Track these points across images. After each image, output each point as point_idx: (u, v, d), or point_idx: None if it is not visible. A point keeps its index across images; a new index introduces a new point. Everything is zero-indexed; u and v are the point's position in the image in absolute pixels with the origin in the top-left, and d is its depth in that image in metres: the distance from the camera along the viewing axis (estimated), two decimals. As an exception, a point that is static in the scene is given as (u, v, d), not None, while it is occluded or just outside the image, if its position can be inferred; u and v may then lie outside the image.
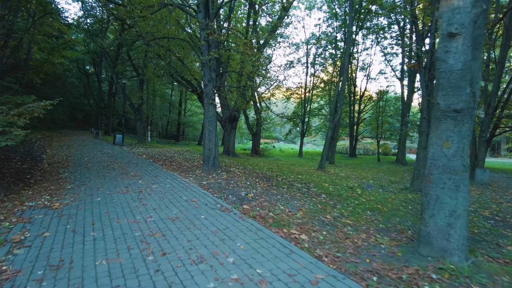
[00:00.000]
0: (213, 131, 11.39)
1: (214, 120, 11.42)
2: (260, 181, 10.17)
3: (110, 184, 8.02)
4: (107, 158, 13.39)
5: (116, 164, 11.63)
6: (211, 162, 11.33)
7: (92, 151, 16.03)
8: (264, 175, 11.95)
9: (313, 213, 6.52)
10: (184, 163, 12.97)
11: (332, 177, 14.22)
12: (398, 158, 25.03)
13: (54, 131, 34.90)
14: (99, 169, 10.47)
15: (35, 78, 29.53)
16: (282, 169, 15.51)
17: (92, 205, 6.14)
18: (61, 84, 38.27)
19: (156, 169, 10.58)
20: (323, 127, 39.01)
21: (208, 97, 11.24)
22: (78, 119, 46.20)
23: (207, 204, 6.22)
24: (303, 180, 11.50)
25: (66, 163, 12.12)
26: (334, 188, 10.26)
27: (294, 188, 9.48)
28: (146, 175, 9.35)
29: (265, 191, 8.44)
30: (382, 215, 7.27)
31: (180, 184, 8.11)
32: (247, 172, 12.13)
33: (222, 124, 20.37)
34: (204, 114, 11.39)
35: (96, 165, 11.36)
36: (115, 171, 10.07)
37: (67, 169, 10.52)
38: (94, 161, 12.57)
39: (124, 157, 14.05)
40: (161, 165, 11.64)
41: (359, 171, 18.44)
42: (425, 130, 10.97)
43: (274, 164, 18.35)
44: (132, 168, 10.68)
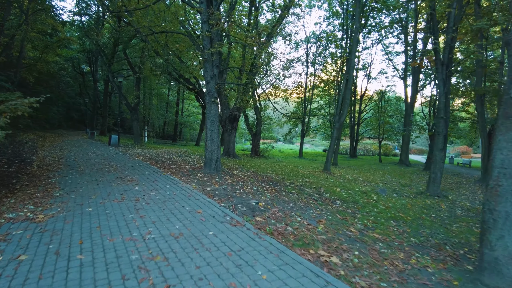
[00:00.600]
0: (215, 132, 10.54)
1: (216, 119, 10.57)
2: (267, 186, 9.34)
3: (104, 191, 7.14)
4: (102, 160, 12.49)
5: (111, 167, 10.74)
6: (213, 165, 10.47)
7: (86, 153, 15.11)
8: (270, 178, 11.11)
9: (335, 226, 5.70)
10: (184, 165, 12.11)
11: (339, 180, 13.42)
12: (401, 159, 24.30)
13: (49, 131, 33.82)
14: (92, 173, 9.58)
15: (28, 77, 28.46)
16: (286, 171, 14.70)
17: (82, 217, 5.27)
18: (55, 83, 37.13)
19: (154, 173, 9.71)
20: (322, 127, 38.28)
21: (210, 95, 10.39)
22: (73, 119, 45.11)
23: (215, 216, 5.37)
24: (312, 184, 10.68)
25: (57, 165, 11.21)
26: (347, 193, 9.45)
27: (304, 194, 8.66)
28: (143, 180, 8.47)
29: (275, 198, 7.60)
30: (408, 225, 6.47)
31: (181, 190, 7.25)
32: (251, 175, 11.30)
33: (222, 124, 19.51)
34: (206, 114, 10.54)
35: (90, 168, 10.47)
36: (110, 175, 9.19)
37: (58, 173, 9.63)
38: (87, 163, 11.67)
39: (120, 159, 13.15)
40: (159, 168, 10.76)
41: (364, 173, 17.67)
42: (443, 131, 10.19)
43: (276, 166, 17.52)
44: (128, 172, 9.79)
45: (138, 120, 22.71)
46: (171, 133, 47.42)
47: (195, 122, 46.63)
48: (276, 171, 14.26)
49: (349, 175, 15.92)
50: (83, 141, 22.69)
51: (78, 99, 42.95)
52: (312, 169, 17.22)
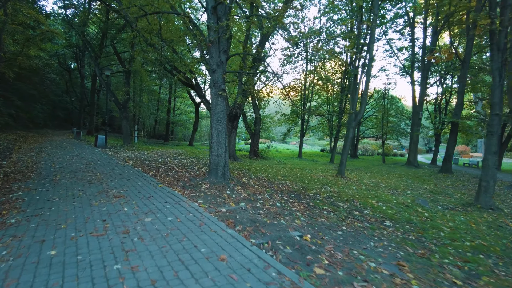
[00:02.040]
0: (222, 132, 8.51)
1: (224, 117, 8.54)
2: (291, 199, 7.37)
3: (80, 215, 5.04)
4: (84, 166, 10.32)
5: (94, 176, 8.60)
6: (220, 172, 8.44)
7: (67, 156, 12.88)
8: (288, 188, 9.14)
9: (425, 273, 3.75)
10: (183, 172, 10.03)
11: (361, 186, 11.54)
12: (410, 160, 22.60)
13: (32, 130, 31.21)
14: (70, 184, 7.44)
15: (7, 72, 25.84)
16: (298, 176, 12.77)
17: (36, 271, 3.21)
18: (39, 80, 34.43)
19: (148, 184, 7.62)
20: (320, 127, 36.51)
21: (216, 87, 8.35)
22: (59, 117, 42.38)
23: (250, 268, 3.33)
24: (340, 195, 8.72)
25: (29, 173, 9.03)
26: (388, 207, 7.53)
27: (342, 212, 6.70)
28: (134, 196, 6.38)
29: (311, 220, 5.63)
30: (508, 262, 4.58)
31: (187, 213, 5.20)
32: (264, 184, 9.31)
33: (221, 123, 17.44)
34: (211, 110, 8.49)
35: (67, 177, 8.32)
36: (91, 188, 7.07)
37: (26, 184, 7.47)
38: (66, 170, 9.49)
39: (106, 164, 10.99)
40: (153, 177, 8.66)
41: (380, 177, 15.86)
42: (497, 131, 8.36)
43: (282, 169, 15.57)
44: (115, 183, 7.67)
45: (128, 119, 20.45)
46: (162, 133, 45.02)
47: (188, 121, 44.35)
48: (287, 176, 12.30)
49: (367, 179, 14.07)
50: (67, 142, 20.35)
51: (65, 97, 40.23)
52: (324, 173, 15.31)
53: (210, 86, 8.47)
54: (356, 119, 13.66)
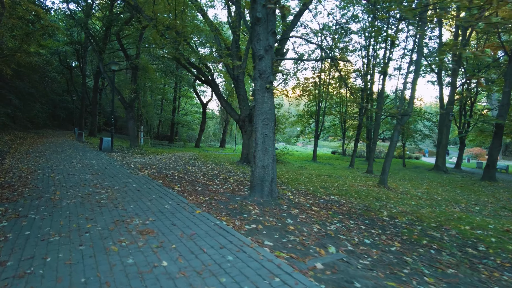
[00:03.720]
0: (270, 137, 6.53)
1: (272, 117, 6.56)
2: (371, 229, 5.40)
3: (93, 276, 3.05)
4: (90, 177, 8.31)
5: (105, 192, 6.59)
6: (266, 189, 6.46)
7: (69, 162, 10.87)
8: (347, 208, 7.17)
9: None
10: (212, 185, 8.05)
11: (419, 201, 9.58)
12: (438, 165, 20.65)
13: (31, 131, 29.12)
14: (73, 208, 5.44)
15: (4, 68, 23.74)
16: (335, 186, 10.83)
17: None
18: (39, 78, 32.33)
19: (180, 207, 5.61)
20: (331, 128, 34.56)
21: (263, 78, 6.37)
22: (60, 117, 40.30)
23: None
24: (419, 218, 6.74)
25: (21, 187, 7.03)
26: (497, 237, 5.56)
27: (449, 248, 4.73)
28: (168, 231, 4.37)
29: (442, 275, 3.68)
30: None
31: (269, 277, 3.21)
32: (317, 202, 7.35)
33: (240, 125, 15.47)
34: (256, 109, 6.50)
35: (70, 195, 6.31)
36: (103, 214, 5.07)
37: (15, 206, 5.49)
38: (68, 183, 7.49)
39: (117, 173, 8.99)
40: (181, 194, 6.67)
41: (420, 185, 13.92)
42: None
43: (313, 177, 13.60)
44: (134, 205, 5.66)
45: (135, 119, 18.42)
46: (166, 133, 42.96)
47: (192, 122, 42.30)
48: (328, 188, 10.33)
49: (412, 189, 12.12)
50: (69, 144, 18.32)
51: (65, 96, 38.12)
52: (361, 182, 13.35)
53: (255, 78, 6.48)
54: (403, 120, 11.71)
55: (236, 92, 15.55)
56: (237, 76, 14.92)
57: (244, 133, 15.45)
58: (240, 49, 15.35)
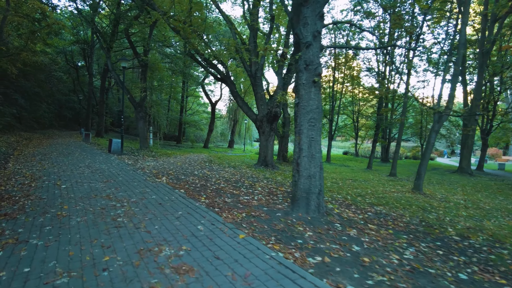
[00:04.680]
0: (317, 141, 5.43)
1: (319, 117, 5.46)
2: (454, 256, 4.28)
3: None
4: (102, 185, 7.25)
5: (121, 206, 5.51)
6: (313, 204, 5.36)
7: (76, 167, 9.83)
8: (404, 223, 6.03)
9: None
10: (242, 195, 6.96)
11: (468, 210, 8.42)
12: (462, 167, 19.41)
13: (37, 131, 28.21)
14: (84, 229, 4.36)
15: (10, 68, 22.81)
16: (368, 193, 9.70)
17: None
18: (45, 78, 31.42)
19: (216, 228, 4.51)
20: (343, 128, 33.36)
21: (309, 70, 5.27)
22: (66, 118, 39.43)
23: None
24: (497, 238, 5.61)
25: (23, 199, 5.99)
26: None
27: None
28: (212, 269, 3.28)
29: None
30: None
31: None
32: (367, 217, 6.22)
33: (258, 125, 14.36)
34: (300, 106, 5.40)
35: (80, 210, 5.24)
36: (123, 239, 3.99)
37: (14, 225, 4.46)
38: (76, 193, 6.43)
39: (131, 181, 7.92)
40: (210, 208, 5.57)
41: (453, 190, 12.75)
42: None
43: (339, 182, 12.49)
44: (160, 226, 4.56)
45: (144, 119, 17.38)
46: (173, 134, 41.92)
47: (200, 122, 41.23)
48: (362, 195, 9.21)
49: (452, 197, 10.95)
50: (76, 145, 17.32)
51: (72, 96, 37.22)
52: (391, 187, 12.21)
53: (299, 69, 5.37)
54: (441, 120, 10.54)
55: (253, 90, 14.45)
56: (255, 73, 13.84)
57: (261, 134, 14.34)
58: (257, 44, 14.27)
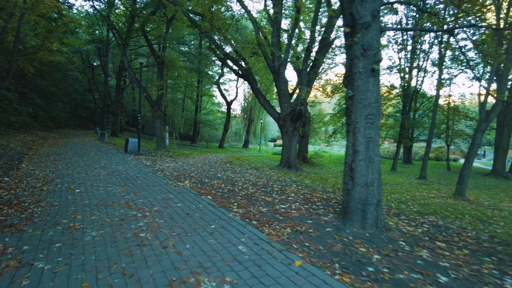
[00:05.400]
0: (376, 141, 4.50)
1: (379, 113, 4.53)
2: None
3: None
4: (119, 190, 6.47)
5: (142, 217, 4.69)
6: (371, 217, 4.43)
7: (91, 168, 9.12)
8: (476, 242, 5.06)
9: None
10: (276, 202, 6.07)
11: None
12: (496, 169, 18.09)
13: (53, 131, 27.98)
14: (101, 248, 3.55)
15: (27, 67, 22.53)
16: (408, 199, 8.71)
17: None
18: (61, 77, 31.23)
19: (256, 245, 3.66)
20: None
21: (367, 56, 4.35)
22: (82, 117, 39.34)
23: None
24: None
25: (33, 205, 5.26)
26: None
27: None
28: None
29: None
30: None
31: None
32: (426, 231, 5.26)
33: (281, 124, 13.46)
34: (354, 100, 4.48)
35: (95, 222, 4.45)
36: (148, 263, 3.15)
37: (19, 240, 3.75)
38: (91, 199, 5.66)
39: (151, 185, 7.12)
40: (245, 218, 4.71)
41: (496, 196, 11.60)
42: None
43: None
44: (191, 244, 3.71)
45: (161, 118, 16.67)
46: (187, 133, 41.34)
47: (214, 121, 40.49)
48: (404, 201, 8.22)
49: (500, 204, 9.84)
50: (91, 145, 16.75)
51: (87, 95, 37.02)
52: (425, 191, 11.15)
53: (356, 56, 4.45)
54: (488, 119, 9.44)
55: (276, 87, 13.56)
56: (278, 69, 12.95)
57: (284, 134, 13.43)
58: (280, 38, 13.39)
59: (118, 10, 25.61)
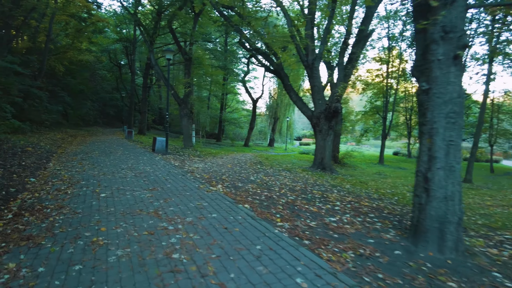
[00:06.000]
0: (457, 145, 3.63)
1: (462, 111, 3.66)
2: None
3: None
4: (147, 195, 5.90)
5: (173, 227, 4.04)
6: (451, 238, 3.57)
7: (118, 169, 8.68)
8: None
9: None
10: (322, 213, 5.30)
11: None
12: (551, 172, 16.44)
13: (82, 128, 28.37)
14: (128, 272, 2.91)
15: (57, 66, 22.82)
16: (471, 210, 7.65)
17: None
18: (89, 76, 31.68)
19: (318, 278, 2.92)
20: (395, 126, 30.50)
21: (448, 41, 3.47)
22: (109, 115, 39.96)
23: None
24: None
25: (55, 213, 4.78)
26: None
27: None
28: None
29: None
30: None
31: None
32: (509, 254, 4.32)
33: (314, 122, 12.62)
34: (431, 93, 3.63)
35: (121, 232, 3.86)
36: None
37: (35, 257, 3.17)
38: (117, 206, 5.10)
39: (181, 188, 6.52)
40: (293, 235, 3.97)
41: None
42: None
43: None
44: (235, 271, 3.03)
45: (188, 117, 16.21)
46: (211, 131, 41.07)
47: (239, 119, 39.95)
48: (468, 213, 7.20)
49: None
50: (118, 143, 16.55)
51: (115, 93, 37.52)
52: (479, 198, 9.99)
53: (434, 39, 3.59)
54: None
55: (309, 83, 12.72)
56: (312, 63, 12.11)
57: (318, 133, 12.57)
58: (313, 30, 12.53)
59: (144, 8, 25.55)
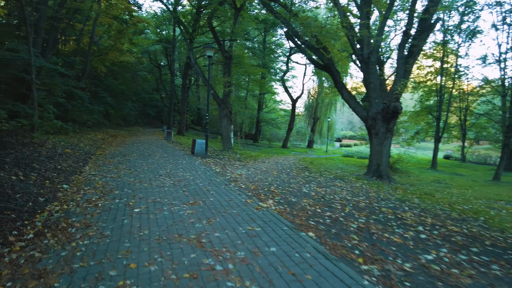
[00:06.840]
0: None
1: None
2: None
3: None
4: (188, 212, 4.90)
5: (222, 267, 2.98)
6: None
7: (156, 175, 7.86)
8: None
9: None
10: (412, 247, 3.99)
11: None
12: None
13: (123, 128, 28.74)
14: None
15: (99, 67, 23.05)
16: None
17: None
18: (130, 77, 32.10)
19: None
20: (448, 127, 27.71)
21: None
22: (150, 115, 40.58)
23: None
24: None
25: (81, 232, 3.91)
26: None
27: None
28: None
29: None
30: None
31: None
32: None
33: (369, 124, 11.13)
34: None
35: (155, 274, 2.83)
36: None
37: None
38: (152, 229, 4.12)
39: (226, 203, 5.46)
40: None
41: None
42: None
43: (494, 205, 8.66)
44: None
45: (228, 117, 15.32)
46: (249, 132, 40.25)
47: (276, 119, 38.71)
48: None
49: None
50: (157, 144, 16.06)
51: (155, 94, 37.92)
52: None
53: None
54: None
55: (364, 79, 11.27)
56: (368, 57, 10.67)
57: (374, 136, 11.07)
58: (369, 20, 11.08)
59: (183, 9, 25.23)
